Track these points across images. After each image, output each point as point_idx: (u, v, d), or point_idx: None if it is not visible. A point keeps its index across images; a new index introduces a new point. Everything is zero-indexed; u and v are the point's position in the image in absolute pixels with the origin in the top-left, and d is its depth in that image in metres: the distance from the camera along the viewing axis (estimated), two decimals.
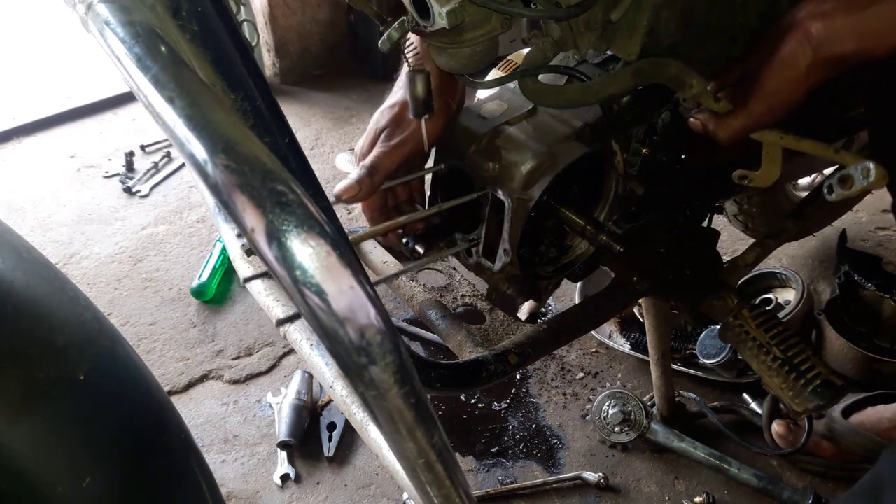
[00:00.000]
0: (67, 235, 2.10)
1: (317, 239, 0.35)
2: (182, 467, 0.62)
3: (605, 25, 0.77)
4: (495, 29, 0.71)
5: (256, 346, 1.70)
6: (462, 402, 1.54)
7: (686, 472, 1.36)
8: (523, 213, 0.81)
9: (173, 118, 0.40)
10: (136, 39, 0.45)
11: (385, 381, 0.38)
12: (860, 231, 1.93)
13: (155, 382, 0.62)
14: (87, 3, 0.49)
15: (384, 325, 0.37)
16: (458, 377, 0.78)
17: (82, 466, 0.50)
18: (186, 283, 1.88)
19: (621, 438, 1.39)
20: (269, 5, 2.79)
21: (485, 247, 0.86)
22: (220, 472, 1.41)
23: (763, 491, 1.28)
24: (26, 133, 2.62)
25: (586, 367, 1.61)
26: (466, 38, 0.71)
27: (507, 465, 1.40)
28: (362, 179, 0.82)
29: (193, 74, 0.45)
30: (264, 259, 0.36)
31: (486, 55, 0.74)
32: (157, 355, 1.68)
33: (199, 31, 0.55)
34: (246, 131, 0.41)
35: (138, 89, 0.43)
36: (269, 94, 0.61)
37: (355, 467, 1.41)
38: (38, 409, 0.47)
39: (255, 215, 0.36)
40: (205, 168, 0.38)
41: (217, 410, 1.55)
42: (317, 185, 0.67)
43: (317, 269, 0.35)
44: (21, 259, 0.52)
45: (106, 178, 2.37)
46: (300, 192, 0.37)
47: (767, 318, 0.91)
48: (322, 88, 2.94)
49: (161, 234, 2.10)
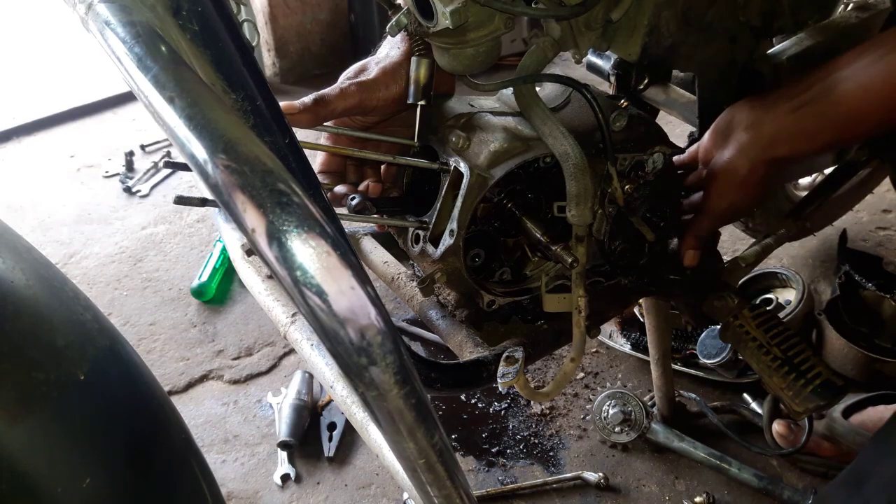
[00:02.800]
0: (67, 235, 2.10)
1: (317, 239, 0.35)
2: (182, 467, 0.62)
3: (606, 25, 0.77)
4: (498, 29, 0.71)
5: (257, 346, 1.70)
6: (462, 402, 1.54)
7: (686, 472, 1.36)
8: (478, 192, 0.77)
9: (174, 118, 0.40)
10: (136, 39, 0.45)
11: (385, 382, 0.38)
12: (861, 231, 1.93)
13: (155, 382, 0.62)
14: (87, 3, 0.49)
15: (385, 326, 0.37)
16: (458, 377, 0.77)
17: (82, 466, 0.50)
18: (186, 282, 1.88)
19: (621, 438, 1.39)
20: (270, 5, 2.79)
21: (433, 231, 0.81)
22: (221, 471, 1.41)
23: (763, 491, 1.28)
24: (26, 133, 2.63)
25: (586, 367, 1.61)
26: (470, 39, 0.71)
27: (507, 465, 1.40)
28: (305, 102, 0.80)
29: (194, 74, 0.45)
30: (265, 259, 0.36)
31: (489, 56, 0.74)
32: (157, 355, 1.68)
33: (200, 30, 0.55)
34: (246, 131, 0.41)
35: (138, 89, 0.43)
36: (270, 94, 0.61)
37: (355, 467, 1.41)
38: (38, 409, 0.47)
39: (256, 215, 0.36)
40: (205, 168, 0.37)
41: (217, 410, 1.55)
42: (317, 186, 0.67)
43: (317, 270, 0.35)
44: (21, 259, 0.52)
45: (106, 178, 2.37)
46: (300, 192, 0.37)
47: (768, 318, 0.91)
48: (322, 88, 2.94)
49: (161, 233, 2.10)
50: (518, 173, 0.81)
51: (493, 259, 0.87)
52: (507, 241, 0.88)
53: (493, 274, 0.88)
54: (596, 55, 1.05)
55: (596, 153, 0.80)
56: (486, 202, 0.82)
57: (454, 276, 0.81)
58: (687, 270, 0.91)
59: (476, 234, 0.83)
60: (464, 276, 0.81)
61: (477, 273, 0.86)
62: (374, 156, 0.82)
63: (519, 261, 0.90)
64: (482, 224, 0.84)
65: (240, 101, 0.58)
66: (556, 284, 0.86)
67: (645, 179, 0.82)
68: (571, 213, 0.76)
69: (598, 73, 1.06)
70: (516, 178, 0.82)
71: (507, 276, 0.89)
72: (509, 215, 0.84)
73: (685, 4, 0.80)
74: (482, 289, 0.84)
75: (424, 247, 0.81)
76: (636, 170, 0.83)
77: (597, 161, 0.79)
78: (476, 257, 0.84)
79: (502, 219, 0.85)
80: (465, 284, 0.83)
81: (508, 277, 0.89)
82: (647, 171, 0.82)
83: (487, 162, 0.76)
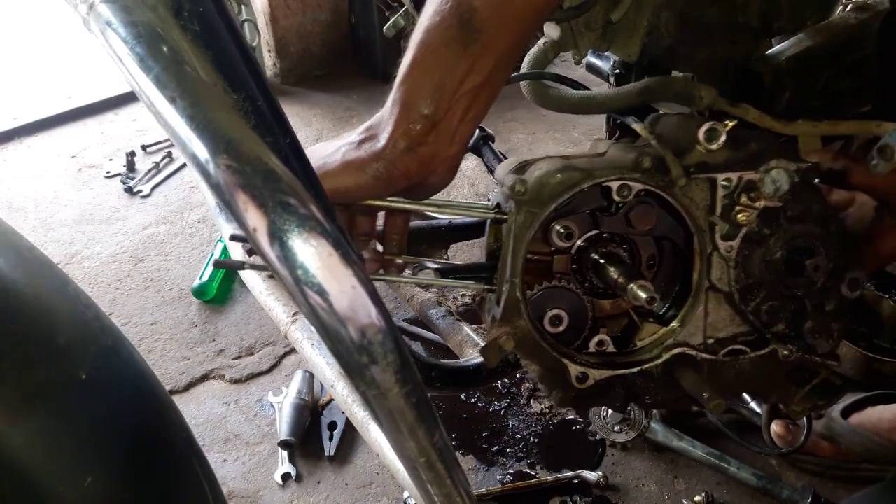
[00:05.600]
0: (69, 235, 2.10)
1: (318, 239, 0.36)
2: (184, 466, 0.62)
3: (606, 26, 0.78)
4: None
5: (257, 346, 1.71)
6: (462, 401, 1.54)
7: (685, 472, 1.37)
8: (527, 230, 0.66)
9: (175, 118, 0.40)
10: (137, 39, 0.46)
11: (386, 381, 0.38)
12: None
13: (156, 382, 0.62)
14: (88, 3, 0.49)
15: (385, 325, 0.37)
16: (458, 377, 0.78)
17: (84, 466, 0.50)
18: (187, 282, 1.88)
19: (621, 437, 1.39)
20: (270, 6, 2.79)
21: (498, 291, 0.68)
22: (222, 471, 1.41)
23: (762, 490, 1.28)
24: (28, 133, 2.63)
25: None
26: None
27: (507, 464, 1.40)
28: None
29: (195, 74, 0.45)
30: (266, 259, 0.36)
31: None
32: (158, 355, 1.68)
33: (201, 31, 0.55)
34: (247, 131, 0.41)
35: (140, 89, 0.44)
36: (271, 95, 0.61)
37: (356, 466, 1.41)
38: (40, 408, 0.47)
39: (257, 215, 0.36)
40: (206, 168, 0.38)
41: (218, 410, 1.55)
42: (318, 186, 0.67)
43: (318, 269, 0.35)
44: (22, 259, 0.52)
45: (107, 178, 2.37)
46: (302, 192, 0.37)
47: None
48: (323, 89, 2.94)
49: (162, 233, 2.10)
50: (596, 215, 0.70)
51: (580, 323, 0.72)
52: (601, 302, 0.73)
53: (587, 343, 0.72)
54: (595, 56, 1.05)
55: (696, 170, 0.66)
56: (560, 253, 0.71)
57: (527, 344, 0.68)
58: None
59: (552, 290, 0.70)
60: (537, 341, 0.68)
61: (563, 342, 0.71)
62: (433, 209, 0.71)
63: (627, 330, 0.74)
64: (560, 278, 0.71)
65: (241, 101, 0.58)
66: (674, 354, 0.69)
67: (771, 206, 0.65)
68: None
69: (597, 73, 1.06)
70: (595, 220, 0.70)
71: (608, 346, 0.72)
72: (594, 267, 0.71)
73: (684, 5, 0.80)
74: (565, 357, 0.70)
75: (493, 309, 0.70)
76: (747, 191, 0.66)
77: (693, 186, 0.66)
78: (556, 320, 0.70)
79: (585, 272, 0.72)
80: (543, 354, 0.69)
81: (610, 348, 0.72)
82: (767, 194, 0.66)
83: (535, 192, 0.66)
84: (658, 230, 0.70)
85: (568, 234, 0.67)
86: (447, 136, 0.65)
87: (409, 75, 0.64)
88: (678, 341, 0.69)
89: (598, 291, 0.72)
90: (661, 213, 0.69)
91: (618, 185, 0.65)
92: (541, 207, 0.65)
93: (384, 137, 0.65)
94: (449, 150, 0.66)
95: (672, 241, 0.71)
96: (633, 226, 0.69)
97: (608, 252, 0.70)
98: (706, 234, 0.67)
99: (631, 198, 0.66)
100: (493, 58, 0.63)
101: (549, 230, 0.68)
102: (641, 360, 0.70)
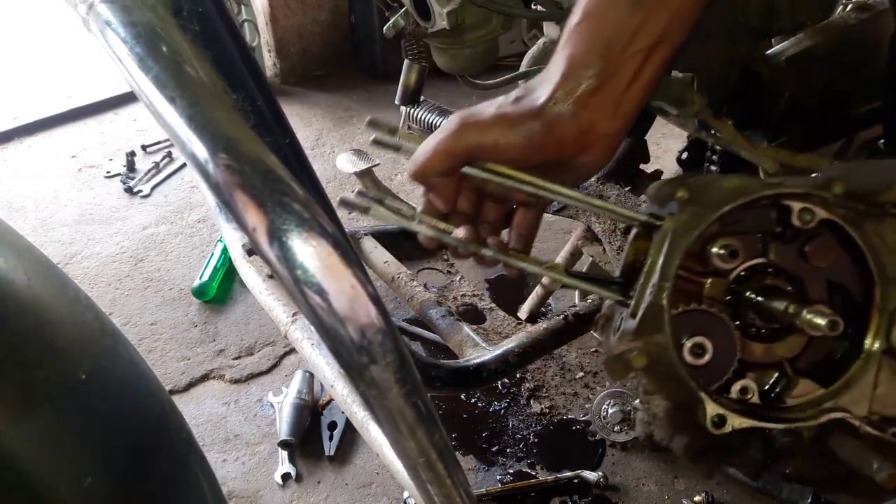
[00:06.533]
0: (69, 235, 2.10)
1: (318, 239, 0.36)
2: (183, 466, 0.62)
3: None
4: (496, 30, 0.72)
5: (257, 346, 1.71)
6: (462, 401, 1.54)
7: (685, 471, 1.36)
8: (689, 232, 0.55)
9: (175, 118, 0.40)
10: (137, 39, 0.46)
11: (386, 381, 0.38)
12: None
13: (156, 382, 0.62)
14: (88, 4, 0.49)
15: (385, 325, 0.37)
16: (458, 377, 0.78)
17: (84, 466, 0.50)
18: (187, 282, 1.88)
19: (621, 437, 1.39)
20: (270, 6, 2.79)
21: (635, 305, 0.57)
22: (221, 471, 1.41)
23: (762, 490, 1.28)
24: (28, 133, 2.63)
25: (586, 366, 1.61)
26: (467, 39, 0.71)
27: (506, 464, 1.40)
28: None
29: (195, 74, 0.45)
30: (265, 259, 0.36)
31: (486, 56, 0.75)
32: (158, 355, 1.68)
33: (201, 31, 0.55)
34: (247, 131, 0.41)
35: (140, 89, 0.44)
36: (270, 95, 0.61)
37: (356, 466, 1.41)
38: (40, 408, 0.47)
39: (257, 215, 0.36)
40: (206, 168, 0.38)
41: (218, 410, 1.55)
42: (318, 186, 0.67)
43: (318, 269, 0.35)
44: (22, 259, 0.52)
45: (107, 178, 2.37)
46: (301, 192, 0.37)
47: None
48: (323, 89, 2.94)
49: (162, 233, 2.10)
50: (766, 240, 0.58)
51: (725, 361, 0.58)
52: (752, 344, 0.60)
53: (729, 387, 0.59)
54: None
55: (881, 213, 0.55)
56: (717, 275, 0.59)
57: (660, 366, 0.56)
58: None
59: (701, 315, 0.58)
60: (673, 363, 0.55)
61: (700, 377, 0.58)
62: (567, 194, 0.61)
63: (776, 385, 0.60)
64: (712, 305, 0.60)
65: (241, 101, 0.58)
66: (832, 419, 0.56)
67: None
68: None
69: None
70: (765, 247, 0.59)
71: (753, 395, 0.58)
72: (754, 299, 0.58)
73: None
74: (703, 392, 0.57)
75: (625, 322, 0.58)
76: None
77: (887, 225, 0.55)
78: (699, 350, 0.56)
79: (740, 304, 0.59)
80: (677, 382, 0.56)
81: (755, 398, 0.58)
82: None
83: (701, 194, 0.56)
84: (834, 273, 0.58)
85: (732, 252, 0.56)
86: (611, 103, 0.58)
87: (577, 29, 0.57)
88: (839, 405, 0.56)
89: (752, 332, 0.60)
90: (840, 253, 0.57)
91: (800, 207, 0.55)
92: (709, 209, 0.55)
93: (545, 93, 0.58)
94: (611, 125, 0.58)
95: (846, 288, 0.58)
96: (808, 260, 0.57)
97: (772, 286, 0.58)
98: (894, 287, 0.54)
99: (813, 225, 0.55)
100: (668, 13, 0.56)
101: (707, 247, 0.57)
102: (791, 417, 0.57)
